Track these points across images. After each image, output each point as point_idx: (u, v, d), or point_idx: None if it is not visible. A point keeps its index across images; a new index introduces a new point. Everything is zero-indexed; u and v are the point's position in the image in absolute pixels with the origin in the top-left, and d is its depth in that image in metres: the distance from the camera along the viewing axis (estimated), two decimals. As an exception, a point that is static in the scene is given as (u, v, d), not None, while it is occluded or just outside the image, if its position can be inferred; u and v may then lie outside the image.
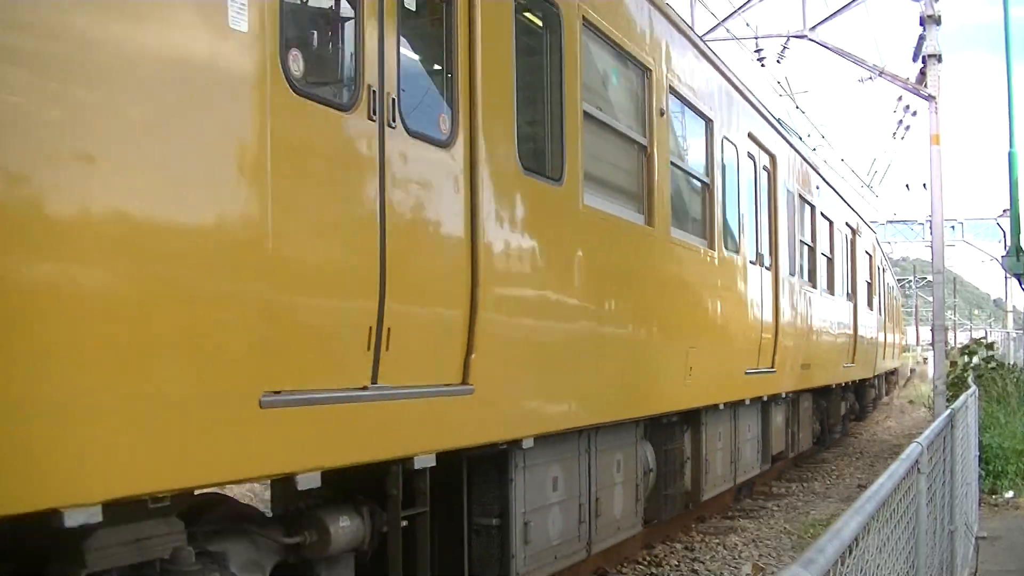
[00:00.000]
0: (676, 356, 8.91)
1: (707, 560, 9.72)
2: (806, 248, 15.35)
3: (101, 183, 3.33)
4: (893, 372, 34.40)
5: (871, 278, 23.60)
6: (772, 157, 13.01)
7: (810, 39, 18.13)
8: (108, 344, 3.34)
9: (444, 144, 5.18)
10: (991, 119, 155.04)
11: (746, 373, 11.31)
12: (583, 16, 6.92)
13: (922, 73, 17.61)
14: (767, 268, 12.38)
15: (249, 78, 3.89)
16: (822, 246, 16.58)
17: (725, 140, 10.67)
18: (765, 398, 12.71)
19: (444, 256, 5.19)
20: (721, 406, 10.60)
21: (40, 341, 3.14)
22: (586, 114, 6.96)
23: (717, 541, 10.63)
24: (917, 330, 72.72)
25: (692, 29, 9.76)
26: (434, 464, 5.19)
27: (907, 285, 68.23)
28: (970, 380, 17.73)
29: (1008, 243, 21.79)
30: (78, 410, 3.26)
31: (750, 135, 11.89)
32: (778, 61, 20.14)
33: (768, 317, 12.18)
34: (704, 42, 10.25)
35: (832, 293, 17.45)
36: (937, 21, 17.39)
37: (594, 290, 7.11)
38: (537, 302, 6.26)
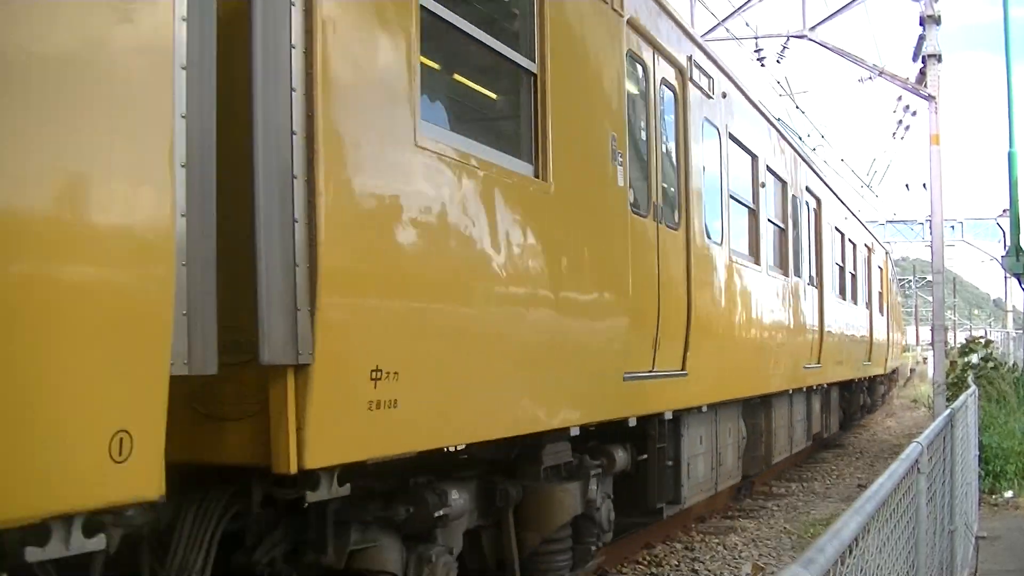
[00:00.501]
0: (769, 355, 12.51)
1: (707, 560, 9.96)
2: (838, 267, 19.07)
3: (550, 282, 6.77)
4: (894, 371, 35.71)
5: (882, 288, 27.34)
6: (819, 200, 16.70)
7: (810, 39, 18.42)
8: (584, 357, 6.83)
9: (676, 228, 8.77)
10: (991, 119, 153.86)
11: (804, 368, 14.94)
12: (728, 131, 10.55)
13: (922, 73, 18.04)
14: (815, 287, 16.04)
15: (623, 207, 7.47)
16: (849, 265, 20.30)
17: (793, 196, 14.34)
18: (814, 387, 16.38)
19: (678, 294, 8.76)
20: (790, 391, 14.25)
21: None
22: (731, 196, 10.59)
23: (717, 541, 10.91)
24: (917, 330, 73.03)
25: (779, 120, 13.45)
26: (671, 418, 8.76)
27: (907, 285, 68.05)
28: (970, 380, 18.26)
29: (1008, 243, 22.49)
30: (579, 387, 6.70)
31: (807, 188, 15.58)
32: (778, 61, 20.57)
33: (816, 324, 15.83)
34: (784, 125, 13.91)
35: (855, 303, 21.13)
36: (937, 21, 17.73)
37: (736, 311, 10.73)
38: (712, 319, 9.84)
